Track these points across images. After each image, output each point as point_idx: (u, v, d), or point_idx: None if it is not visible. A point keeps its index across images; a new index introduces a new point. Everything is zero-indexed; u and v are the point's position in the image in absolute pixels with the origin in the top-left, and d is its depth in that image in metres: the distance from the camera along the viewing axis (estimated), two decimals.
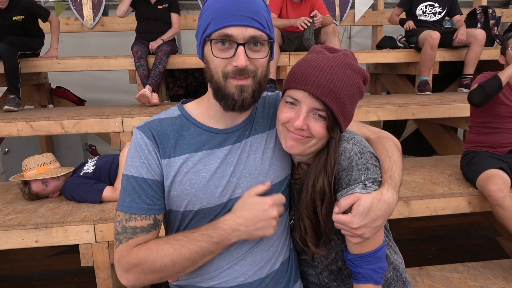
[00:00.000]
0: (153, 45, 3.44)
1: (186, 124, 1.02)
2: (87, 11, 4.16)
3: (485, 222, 3.60)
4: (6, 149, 4.24)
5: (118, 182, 2.17)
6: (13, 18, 3.32)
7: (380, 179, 0.97)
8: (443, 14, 3.83)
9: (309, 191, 0.98)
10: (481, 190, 2.21)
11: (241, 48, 0.87)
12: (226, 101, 0.92)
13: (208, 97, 1.02)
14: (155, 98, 3.14)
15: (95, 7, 4.15)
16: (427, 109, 2.95)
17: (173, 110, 1.06)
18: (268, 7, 0.96)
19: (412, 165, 2.82)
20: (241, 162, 1.01)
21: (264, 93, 1.12)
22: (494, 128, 2.34)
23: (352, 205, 0.91)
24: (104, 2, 4.19)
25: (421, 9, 3.84)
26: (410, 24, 3.78)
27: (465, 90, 3.60)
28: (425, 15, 3.84)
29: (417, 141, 4.75)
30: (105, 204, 2.14)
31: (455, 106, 2.97)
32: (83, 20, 4.16)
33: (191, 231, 0.96)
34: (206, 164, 0.99)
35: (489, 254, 3.00)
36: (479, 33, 3.49)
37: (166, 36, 3.55)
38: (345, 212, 0.92)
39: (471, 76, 3.58)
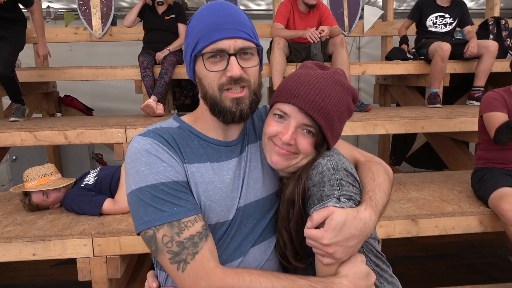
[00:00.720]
0: (160, 55, 3.44)
1: (189, 135, 0.98)
2: (96, 21, 4.19)
3: (497, 240, 3.48)
4: (14, 157, 4.27)
5: (119, 194, 2.14)
6: None
7: (358, 199, 0.90)
8: (454, 25, 3.76)
9: (284, 202, 0.95)
10: (493, 209, 2.12)
11: (233, 58, 0.89)
12: (224, 115, 0.92)
13: (203, 114, 0.99)
14: (160, 108, 3.12)
15: (104, 17, 4.18)
16: (437, 122, 2.87)
17: (170, 122, 1.02)
18: (249, 18, 0.98)
19: (421, 181, 2.73)
20: (246, 174, 1.00)
21: None
22: (503, 145, 2.25)
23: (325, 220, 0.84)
24: (112, 13, 4.22)
25: (431, 20, 3.77)
26: (404, 47, 3.81)
27: (475, 103, 3.51)
28: (436, 26, 3.77)
29: (428, 154, 4.65)
30: (105, 217, 2.11)
31: (466, 119, 2.89)
32: (92, 30, 4.19)
33: (296, 277, 0.86)
34: (221, 176, 0.96)
35: (502, 273, 2.89)
36: (492, 45, 3.41)
37: (173, 47, 3.54)
38: (318, 227, 0.85)
39: (482, 89, 3.49)
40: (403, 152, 4.99)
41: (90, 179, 2.25)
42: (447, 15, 3.73)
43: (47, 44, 3.34)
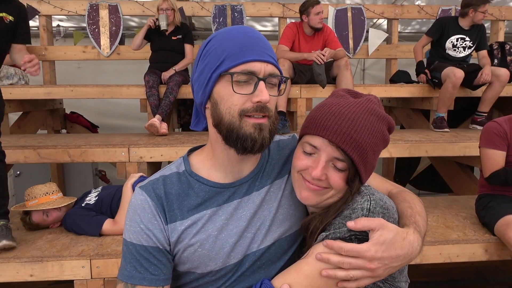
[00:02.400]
0: (165, 75, 3.48)
1: (191, 181, 0.94)
2: (104, 40, 4.27)
3: (503, 266, 3.40)
4: (18, 172, 4.29)
5: (119, 215, 2.12)
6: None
7: None
8: (472, 49, 3.64)
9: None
10: (499, 237, 2.08)
11: (262, 83, 0.83)
12: (243, 142, 0.83)
13: (213, 147, 0.94)
14: (164, 127, 3.14)
15: (112, 37, 4.26)
16: (441, 146, 2.85)
17: (178, 164, 0.98)
18: None
19: (425, 206, 2.65)
20: (255, 216, 0.94)
21: (277, 137, 1.06)
22: None
23: (366, 232, 0.79)
24: (121, 32, 4.30)
25: (451, 42, 3.59)
26: (423, 78, 3.63)
27: (478, 127, 3.49)
28: (455, 49, 3.61)
29: (432, 176, 4.61)
30: (104, 238, 2.09)
31: (471, 144, 2.87)
32: (100, 48, 4.26)
33: None
34: (215, 221, 0.91)
35: None
36: (503, 73, 3.33)
37: (179, 67, 3.58)
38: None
39: (486, 114, 3.47)
40: (407, 174, 4.95)
41: (91, 198, 2.24)
42: (467, 38, 3.58)
43: (56, 62, 3.38)
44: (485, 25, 5.36)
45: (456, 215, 2.49)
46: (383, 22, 4.92)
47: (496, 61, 3.93)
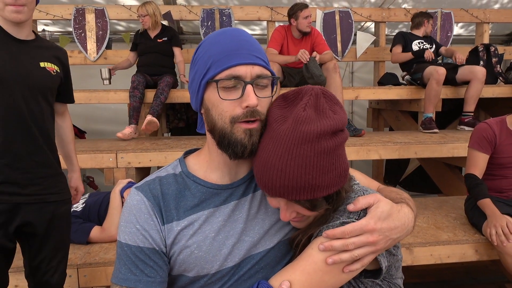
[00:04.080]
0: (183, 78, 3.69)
1: (187, 182, 0.93)
2: (91, 44, 4.22)
3: (493, 266, 3.43)
4: None
5: (107, 222, 2.08)
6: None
7: None
8: (433, 49, 3.94)
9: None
10: (487, 237, 2.10)
11: (249, 86, 0.81)
12: (234, 148, 0.83)
13: (209, 150, 0.93)
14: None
15: (99, 41, 4.21)
16: (430, 148, 2.88)
17: (174, 166, 0.97)
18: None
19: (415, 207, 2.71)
20: (252, 218, 0.92)
21: None
22: (495, 176, 2.26)
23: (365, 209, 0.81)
24: (108, 36, 4.25)
25: (416, 44, 3.91)
26: (429, 53, 3.72)
27: (466, 128, 3.54)
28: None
29: (422, 177, 4.65)
30: (92, 246, 2.05)
31: (459, 145, 2.90)
32: (87, 53, 4.21)
33: None
34: (213, 223, 0.90)
35: None
36: (479, 71, 3.46)
37: (183, 72, 3.71)
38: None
39: (472, 114, 3.52)
40: (397, 176, 4.99)
41: (78, 206, 2.20)
42: (425, 42, 3.96)
43: None
44: (470, 27, 5.48)
45: (446, 215, 2.51)
46: (371, 25, 4.96)
47: (481, 62, 3.99)
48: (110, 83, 3.72)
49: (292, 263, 0.86)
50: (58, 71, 1.63)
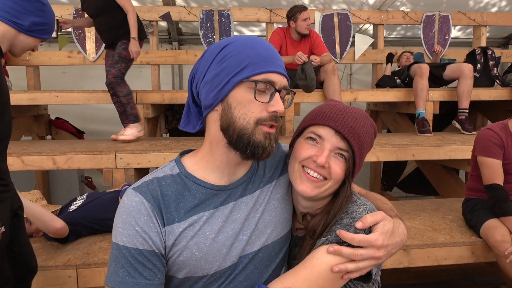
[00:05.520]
0: (132, 50, 2.99)
1: (187, 182, 0.93)
2: (90, 45, 4.22)
3: (489, 267, 3.45)
4: None
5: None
6: None
7: None
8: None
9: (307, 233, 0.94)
10: (485, 240, 2.11)
11: (277, 94, 0.88)
12: (254, 148, 0.87)
13: (212, 149, 0.94)
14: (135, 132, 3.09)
15: (98, 41, 4.21)
16: (427, 150, 2.89)
17: (171, 167, 0.97)
18: None
19: (412, 209, 2.73)
20: (249, 218, 0.95)
21: None
22: None
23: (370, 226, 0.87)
24: None
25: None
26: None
27: (457, 125, 3.58)
28: None
29: (419, 179, 4.67)
30: (91, 247, 2.05)
31: (456, 148, 2.91)
32: (86, 53, 4.21)
33: None
34: (213, 224, 0.91)
35: None
36: (465, 67, 3.50)
37: (134, 30, 2.95)
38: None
39: (467, 111, 3.54)
40: (394, 177, 5.00)
41: (76, 207, 2.20)
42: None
43: (41, 67, 3.25)
44: (467, 30, 5.51)
45: (443, 218, 2.52)
46: (369, 28, 4.98)
47: (479, 65, 4.01)
48: (57, 36, 3.33)
49: (294, 270, 0.89)
50: None
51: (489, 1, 5.05)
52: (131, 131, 3.07)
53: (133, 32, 2.96)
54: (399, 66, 4.32)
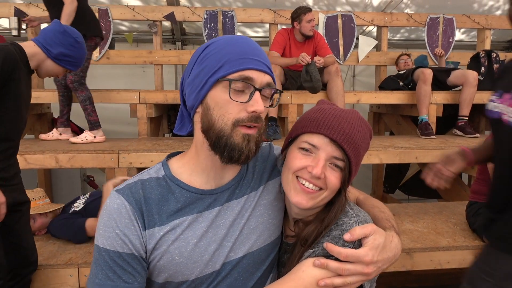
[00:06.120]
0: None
1: (171, 186, 0.91)
2: None
3: None
4: None
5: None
6: None
7: None
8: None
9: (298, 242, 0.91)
10: None
11: (257, 93, 0.83)
12: (231, 151, 0.83)
13: (197, 152, 0.92)
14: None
15: (102, 41, 4.21)
16: (431, 153, 2.88)
17: (157, 169, 0.95)
18: None
19: (415, 212, 2.71)
20: (234, 224, 0.92)
21: None
22: None
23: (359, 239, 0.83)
24: (111, 36, 4.26)
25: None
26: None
27: (459, 132, 3.57)
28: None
29: (422, 182, 4.62)
30: (92, 246, 2.04)
31: None
32: None
33: None
34: (195, 228, 0.89)
35: None
36: (470, 74, 3.49)
37: (64, 19, 2.69)
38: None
39: (467, 118, 3.53)
40: (397, 180, 4.98)
41: (79, 205, 2.20)
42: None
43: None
44: (471, 33, 5.49)
45: (446, 221, 2.51)
46: (373, 29, 4.97)
47: (483, 69, 3.99)
48: (19, 35, 3.13)
49: (280, 282, 0.86)
50: None
51: (493, 4, 5.03)
52: (84, 135, 2.98)
53: None
54: (398, 70, 4.28)
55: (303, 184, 0.88)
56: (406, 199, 5.11)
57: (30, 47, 1.65)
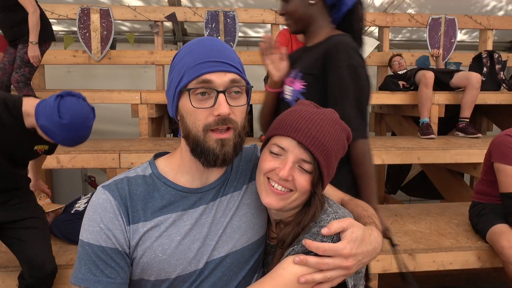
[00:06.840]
0: (32, 55, 2.93)
1: (157, 183, 0.92)
2: (95, 44, 4.22)
3: (494, 273, 3.42)
4: None
5: None
6: None
7: None
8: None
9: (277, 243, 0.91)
10: (491, 245, 2.09)
11: (221, 95, 0.83)
12: (206, 156, 0.85)
13: (182, 155, 0.94)
14: None
15: (103, 41, 4.21)
16: (433, 154, 2.87)
17: (144, 168, 0.96)
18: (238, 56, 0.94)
19: (418, 213, 2.70)
20: (217, 222, 0.93)
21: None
22: None
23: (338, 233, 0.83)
24: (112, 37, 4.25)
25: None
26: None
27: (460, 134, 3.56)
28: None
29: (423, 182, 4.64)
30: None
31: (462, 151, 2.89)
32: (91, 53, 4.22)
33: None
34: (180, 226, 0.89)
35: None
36: (474, 77, 3.48)
37: (32, 33, 2.84)
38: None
39: (467, 120, 3.53)
40: (398, 181, 4.98)
41: (81, 205, 2.20)
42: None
43: (46, 66, 3.22)
44: (473, 34, 5.48)
45: (448, 222, 2.50)
46: (375, 30, 4.96)
47: (485, 69, 3.99)
48: None
49: (261, 281, 0.86)
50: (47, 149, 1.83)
51: (495, 5, 5.03)
52: None
53: (32, 36, 2.86)
54: (393, 72, 4.24)
55: (273, 186, 0.90)
56: (408, 199, 5.10)
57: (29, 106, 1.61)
